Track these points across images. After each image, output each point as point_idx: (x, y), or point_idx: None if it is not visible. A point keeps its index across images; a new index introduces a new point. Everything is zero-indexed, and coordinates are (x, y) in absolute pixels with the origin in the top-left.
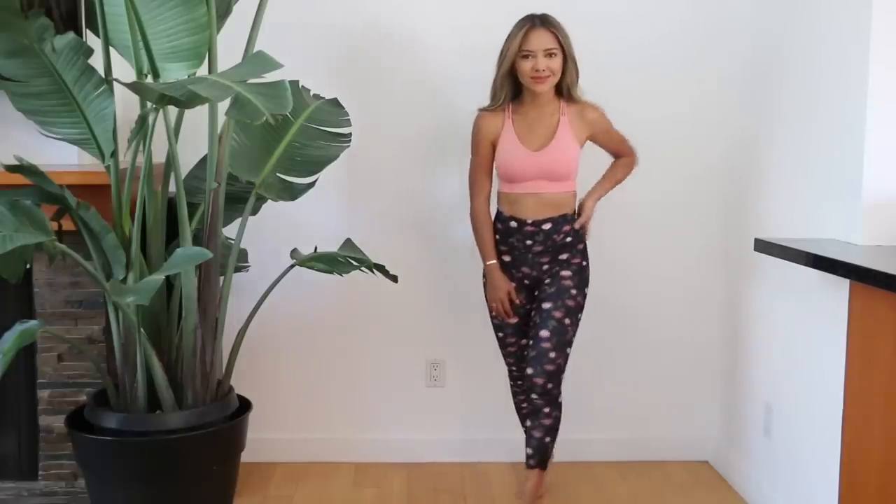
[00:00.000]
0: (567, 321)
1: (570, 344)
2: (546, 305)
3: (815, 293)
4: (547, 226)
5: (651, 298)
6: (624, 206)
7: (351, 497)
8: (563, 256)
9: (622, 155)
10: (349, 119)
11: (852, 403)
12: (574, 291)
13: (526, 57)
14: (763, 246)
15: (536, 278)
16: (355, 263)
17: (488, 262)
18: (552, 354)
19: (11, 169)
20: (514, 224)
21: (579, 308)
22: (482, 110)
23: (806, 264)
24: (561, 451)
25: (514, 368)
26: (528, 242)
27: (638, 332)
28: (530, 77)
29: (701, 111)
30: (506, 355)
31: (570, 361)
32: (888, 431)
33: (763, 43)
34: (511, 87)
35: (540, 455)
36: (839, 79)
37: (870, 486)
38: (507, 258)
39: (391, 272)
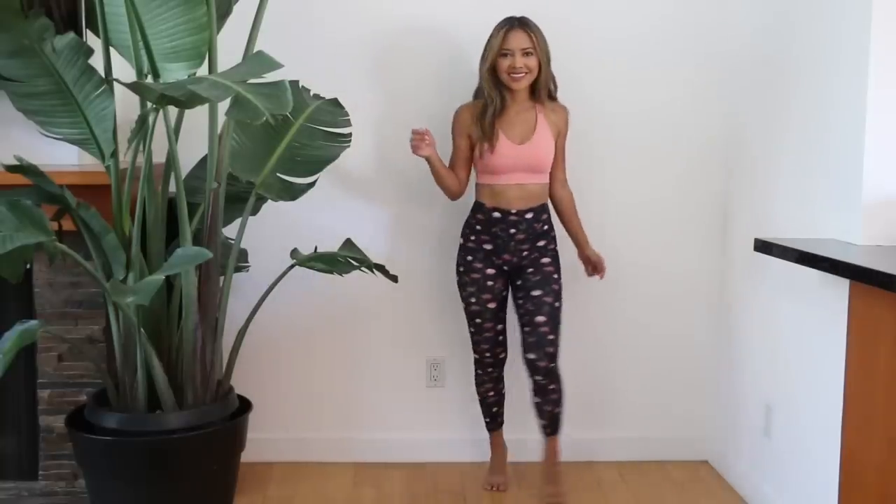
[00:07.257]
0: (557, 304)
1: (560, 324)
2: (536, 293)
3: (815, 293)
4: (529, 215)
5: (651, 298)
6: (623, 207)
7: (351, 497)
8: (541, 243)
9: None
10: (349, 119)
11: (852, 403)
12: (556, 276)
13: (505, 55)
14: (763, 246)
15: (516, 265)
16: (355, 263)
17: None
18: (551, 337)
19: (11, 169)
20: (497, 214)
21: (561, 290)
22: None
23: (806, 264)
24: (561, 451)
25: (487, 356)
26: (512, 231)
27: (638, 332)
28: (508, 74)
29: (701, 111)
30: (481, 342)
31: (571, 362)
32: (888, 431)
33: (763, 42)
34: (495, 85)
35: (555, 424)
36: (839, 78)
37: (870, 486)
38: (488, 246)
39: (391, 272)
